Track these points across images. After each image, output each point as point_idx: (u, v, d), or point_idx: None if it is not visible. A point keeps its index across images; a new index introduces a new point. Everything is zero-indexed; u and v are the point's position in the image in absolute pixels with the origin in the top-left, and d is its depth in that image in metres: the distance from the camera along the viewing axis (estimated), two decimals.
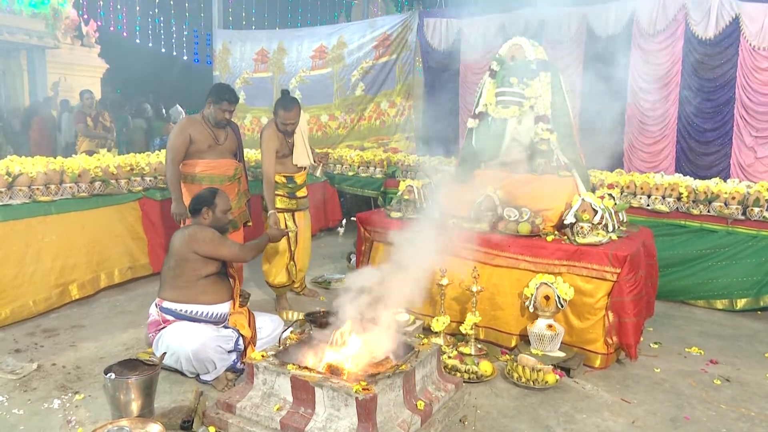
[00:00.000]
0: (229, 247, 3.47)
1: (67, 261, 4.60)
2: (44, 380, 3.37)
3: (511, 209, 4.07)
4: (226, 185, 4.39)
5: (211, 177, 4.39)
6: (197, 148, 4.32)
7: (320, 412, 2.63)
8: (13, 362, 3.56)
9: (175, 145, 4.29)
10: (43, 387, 3.28)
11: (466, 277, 3.89)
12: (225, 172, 4.45)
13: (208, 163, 4.38)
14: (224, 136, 4.45)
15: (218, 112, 4.29)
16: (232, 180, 4.49)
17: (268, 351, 2.97)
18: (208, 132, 4.36)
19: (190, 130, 4.30)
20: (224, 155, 4.45)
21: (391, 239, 4.34)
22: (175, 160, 4.30)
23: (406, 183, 4.64)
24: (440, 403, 2.95)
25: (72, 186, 4.78)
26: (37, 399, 3.14)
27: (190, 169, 4.36)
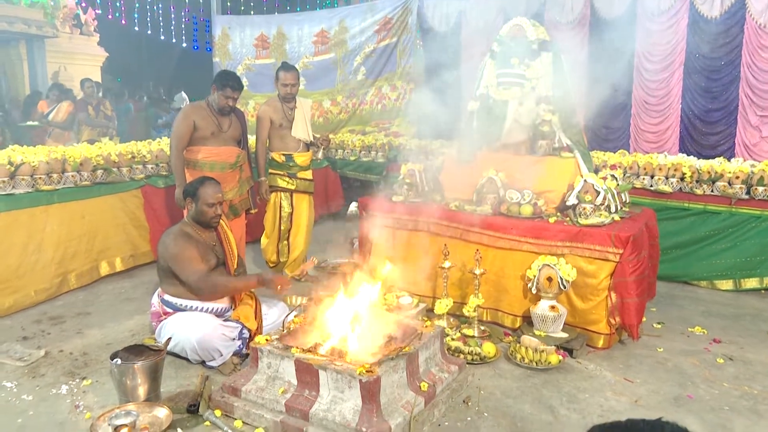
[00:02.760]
0: (190, 274, 3.29)
1: (67, 250, 4.64)
2: (52, 366, 3.42)
3: (513, 191, 4.07)
4: (227, 172, 4.41)
5: (212, 164, 4.41)
6: (200, 134, 4.35)
7: (324, 395, 2.67)
8: (21, 349, 3.61)
9: (179, 131, 4.32)
10: (51, 373, 3.33)
11: (468, 259, 3.92)
12: (227, 160, 4.46)
13: (210, 150, 4.40)
14: (228, 124, 4.45)
15: (221, 98, 4.30)
16: (233, 167, 4.50)
17: (272, 335, 3.00)
18: (212, 119, 4.37)
19: (194, 117, 4.33)
20: (227, 142, 4.46)
21: (394, 223, 4.38)
22: (179, 147, 4.33)
23: (407, 167, 4.64)
24: (444, 384, 2.98)
25: (74, 175, 4.81)
26: (46, 385, 3.19)
27: (193, 155, 4.40)
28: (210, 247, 3.52)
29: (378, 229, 4.53)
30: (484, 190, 4.17)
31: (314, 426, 2.61)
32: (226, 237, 3.67)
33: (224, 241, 3.64)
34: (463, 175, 4.41)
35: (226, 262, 3.60)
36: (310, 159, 4.88)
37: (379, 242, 4.51)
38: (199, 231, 3.52)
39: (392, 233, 4.43)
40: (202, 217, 3.50)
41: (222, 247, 3.61)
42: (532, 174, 4.15)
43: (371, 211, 4.55)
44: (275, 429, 2.68)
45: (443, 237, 4.11)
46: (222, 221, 3.66)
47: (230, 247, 3.67)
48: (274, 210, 4.80)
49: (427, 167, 4.77)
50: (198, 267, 3.34)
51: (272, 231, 4.85)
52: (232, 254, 3.66)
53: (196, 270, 3.33)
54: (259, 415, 2.73)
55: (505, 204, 4.06)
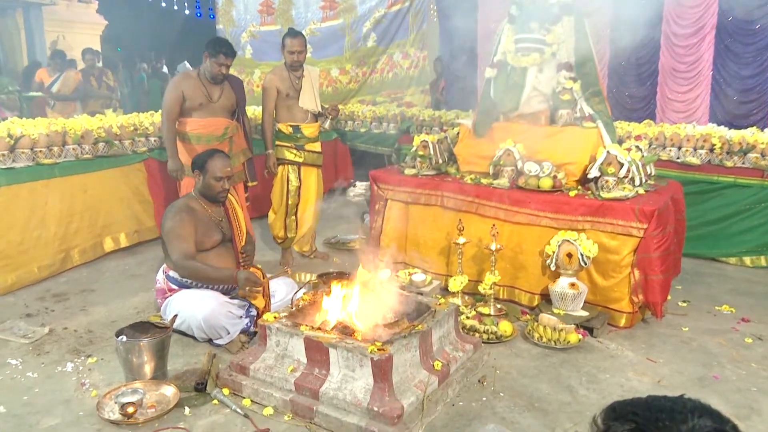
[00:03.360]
0: (174, 250, 3.33)
1: (70, 226, 4.69)
2: (56, 344, 3.48)
3: (531, 163, 4.04)
4: (214, 145, 4.41)
5: (198, 136, 4.44)
6: (189, 105, 4.38)
7: (335, 373, 2.70)
8: (25, 326, 3.67)
9: (168, 101, 4.37)
10: (55, 351, 3.39)
11: (484, 235, 3.91)
12: (213, 132, 4.47)
13: (197, 121, 4.43)
14: (219, 93, 4.45)
15: (214, 66, 4.31)
16: (221, 140, 4.50)
17: (280, 312, 3.03)
18: (202, 89, 4.39)
19: (183, 87, 4.36)
20: (217, 113, 4.47)
21: (406, 197, 4.38)
22: (169, 118, 4.38)
23: (420, 138, 4.62)
24: (458, 363, 3.00)
25: (75, 148, 4.83)
26: (51, 362, 3.26)
27: (182, 127, 4.44)
28: (216, 222, 3.54)
29: (389, 203, 4.53)
30: (501, 163, 4.14)
31: (324, 405, 2.64)
32: (234, 212, 3.68)
33: (231, 217, 3.65)
34: (479, 147, 4.38)
35: (233, 239, 3.61)
36: (318, 130, 4.86)
37: (390, 218, 4.51)
38: (205, 205, 3.54)
39: (404, 208, 4.43)
40: (209, 191, 3.51)
41: (229, 223, 3.62)
42: (551, 145, 4.11)
43: (382, 185, 4.54)
44: (285, 408, 2.72)
45: (458, 212, 4.10)
46: (230, 196, 3.67)
47: (238, 222, 3.68)
48: (281, 184, 4.81)
49: (441, 139, 4.75)
50: (184, 246, 3.34)
51: (279, 206, 4.86)
52: (240, 230, 3.68)
53: (182, 249, 3.34)
54: (268, 393, 2.77)
55: (523, 177, 4.03)
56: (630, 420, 0.98)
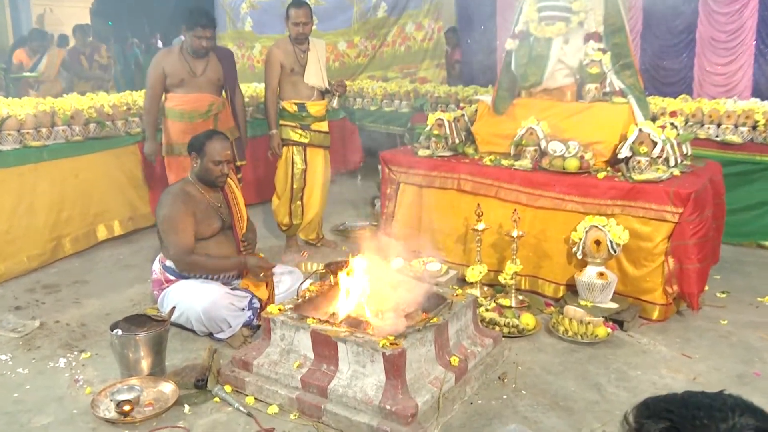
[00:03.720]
0: (172, 243, 3.35)
1: (61, 213, 4.73)
2: (48, 338, 3.52)
3: (556, 143, 4.02)
4: (197, 123, 4.47)
5: (181, 113, 4.51)
6: (171, 81, 4.47)
7: (344, 369, 2.71)
8: (15, 320, 3.72)
9: (150, 80, 4.49)
10: (47, 345, 3.44)
11: (505, 220, 3.89)
12: (197, 108, 4.52)
13: (180, 97, 4.50)
14: (203, 68, 4.50)
15: (194, 39, 4.37)
16: (205, 117, 4.55)
17: (285, 304, 3.05)
18: (183, 64, 4.44)
19: (163, 64, 4.45)
20: (201, 89, 4.52)
21: (420, 180, 4.37)
22: (151, 96, 4.51)
23: (435, 116, 4.60)
24: (476, 359, 3.01)
25: (65, 129, 4.86)
26: (42, 358, 3.30)
27: (166, 103, 4.55)
28: (215, 208, 3.55)
29: (402, 187, 4.52)
30: (524, 142, 4.12)
31: (333, 403, 2.66)
32: (234, 197, 3.70)
33: (231, 202, 3.66)
34: (499, 125, 4.36)
35: (233, 226, 3.63)
36: (325, 109, 4.85)
37: (403, 203, 4.51)
38: (203, 190, 3.55)
39: (418, 192, 4.42)
40: (207, 176, 3.52)
41: (229, 209, 3.63)
42: (578, 123, 4.08)
43: (394, 167, 4.53)
44: (290, 406, 2.75)
45: (476, 195, 4.09)
46: (230, 180, 3.68)
47: (238, 208, 3.70)
48: (285, 166, 4.81)
49: (458, 117, 4.72)
50: (182, 240, 3.36)
51: (284, 190, 4.86)
52: (241, 217, 3.70)
53: (181, 244, 3.36)
54: (272, 391, 2.80)
55: (548, 157, 4.01)
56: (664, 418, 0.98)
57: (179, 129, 4.51)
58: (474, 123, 4.60)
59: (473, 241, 4.01)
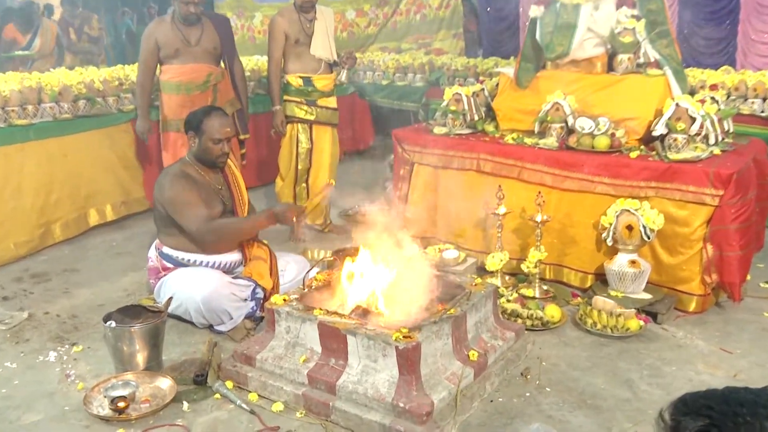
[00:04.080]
0: (189, 220, 3.35)
1: (50, 197, 4.77)
2: (37, 330, 3.57)
3: (585, 119, 3.99)
4: (195, 95, 4.53)
5: (177, 85, 4.55)
6: (165, 53, 4.52)
7: (354, 364, 2.72)
8: (2, 311, 3.77)
9: (143, 53, 4.56)
10: (36, 338, 3.48)
11: (528, 204, 3.89)
12: (194, 79, 4.57)
13: (176, 69, 4.55)
14: (198, 36, 4.54)
15: (181, 5, 4.42)
16: (203, 88, 4.60)
17: (290, 294, 3.06)
18: (176, 33, 4.49)
19: (156, 34, 4.50)
20: (198, 59, 4.57)
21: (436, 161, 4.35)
22: (144, 71, 4.58)
23: (452, 91, 4.58)
24: (497, 353, 3.01)
25: (52, 106, 4.88)
26: (31, 351, 3.34)
27: (161, 76, 4.60)
28: (215, 191, 3.57)
29: (416, 168, 4.51)
30: (549, 119, 4.10)
31: (342, 400, 2.67)
32: (235, 179, 3.71)
33: (232, 184, 3.67)
34: (522, 100, 4.34)
35: (234, 209, 3.64)
36: (333, 83, 4.84)
37: (417, 185, 4.50)
38: (202, 172, 3.56)
39: (434, 173, 4.42)
40: (206, 156, 3.52)
41: (230, 191, 3.64)
42: (609, 97, 4.07)
43: (408, 146, 4.52)
44: (296, 403, 2.77)
45: (497, 177, 4.08)
46: (230, 161, 3.68)
47: (239, 190, 3.71)
48: (289, 146, 4.81)
49: (478, 91, 4.69)
50: (198, 211, 3.38)
51: (288, 171, 4.87)
52: (242, 199, 3.71)
53: (198, 215, 3.37)
54: (277, 387, 2.82)
55: (575, 135, 3.98)
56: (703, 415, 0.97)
57: (176, 102, 4.54)
58: (495, 98, 4.59)
59: (494, 227, 4.00)
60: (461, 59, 7.32)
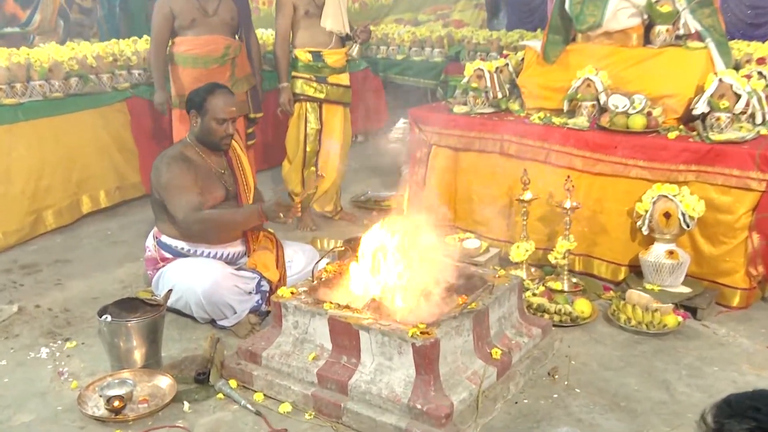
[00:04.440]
0: (177, 206, 3.37)
1: (40, 182, 4.80)
2: (28, 325, 3.60)
3: (618, 97, 3.98)
4: (213, 69, 4.54)
5: (194, 58, 4.57)
6: (180, 23, 4.52)
7: (367, 362, 2.73)
8: None
9: (156, 22, 4.55)
10: (27, 333, 3.52)
11: (557, 189, 3.87)
12: (211, 53, 4.58)
13: (192, 40, 4.56)
14: (215, 5, 4.55)
15: None
16: (221, 62, 4.62)
17: (299, 287, 3.07)
18: (193, 2, 4.50)
19: (171, 3, 4.50)
20: (214, 30, 4.58)
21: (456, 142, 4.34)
22: (157, 41, 4.56)
23: (473, 66, 4.56)
24: (522, 351, 3.01)
25: (42, 84, 4.91)
26: (22, 347, 3.38)
27: (174, 48, 4.60)
28: (217, 175, 3.57)
29: (434, 151, 4.50)
30: (579, 96, 4.09)
31: (354, 401, 2.69)
32: (239, 162, 3.71)
33: (236, 168, 3.68)
34: (549, 76, 4.33)
35: (238, 194, 3.65)
36: (345, 58, 4.82)
37: (436, 168, 4.49)
38: (203, 154, 3.56)
39: (454, 156, 4.42)
40: (209, 137, 3.53)
41: (233, 176, 3.65)
42: (645, 72, 4.05)
43: (426, 127, 4.51)
44: (305, 404, 2.78)
45: (522, 160, 4.07)
46: (235, 142, 3.69)
47: (244, 175, 3.71)
48: (297, 126, 4.81)
49: (501, 66, 4.67)
50: (189, 199, 3.38)
51: (295, 154, 4.87)
52: (247, 184, 3.71)
53: (187, 202, 3.37)
54: (284, 386, 2.84)
55: (608, 114, 3.96)
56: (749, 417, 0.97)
57: (192, 77, 4.56)
58: (520, 74, 4.57)
59: (518, 214, 4.00)
60: (483, 32, 7.29)
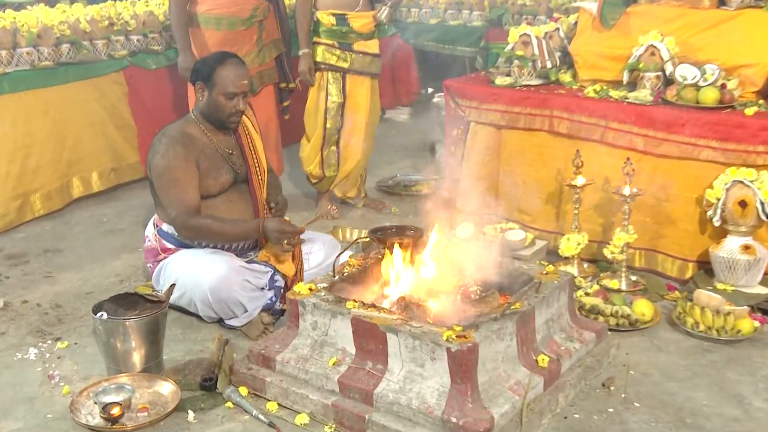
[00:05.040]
0: (171, 201, 3.41)
1: (27, 162, 4.85)
2: (14, 322, 3.65)
3: (687, 67, 3.95)
4: (239, 31, 4.57)
5: (218, 19, 4.57)
6: None
7: (395, 369, 2.73)
8: None
9: None
10: (13, 331, 3.57)
11: (614, 173, 3.86)
12: (238, 13, 4.59)
13: None
14: None
15: None
16: (248, 24, 4.63)
17: (318, 282, 3.08)
18: None
19: None
20: None
21: (498, 119, 4.31)
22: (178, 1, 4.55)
23: (519, 31, 4.53)
24: (573, 358, 3.00)
25: (30, 51, 4.95)
26: (8, 347, 3.42)
27: (193, 7, 4.59)
28: (223, 156, 3.56)
29: (473, 128, 4.48)
30: (642, 66, 4.06)
31: (381, 412, 2.69)
32: (251, 142, 3.71)
33: (247, 148, 3.68)
34: (607, 43, 4.30)
35: (249, 178, 3.65)
36: (373, 23, 4.80)
37: (474, 148, 4.47)
38: (209, 132, 3.57)
39: (495, 135, 4.40)
40: (215, 113, 3.52)
41: (243, 157, 3.65)
42: (719, 38, 4.01)
43: (463, 101, 4.49)
44: (325, 415, 2.79)
45: (575, 139, 4.06)
46: (246, 119, 3.69)
47: (256, 156, 3.70)
48: (317, 99, 4.80)
49: (551, 32, 4.63)
50: (185, 197, 3.40)
51: (314, 131, 4.86)
52: (260, 166, 3.70)
53: (181, 200, 3.40)
54: (301, 395, 2.84)
55: (674, 87, 3.93)
56: None
57: (217, 40, 4.58)
58: (572, 40, 4.54)
59: (569, 202, 3.98)
60: None
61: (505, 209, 4.37)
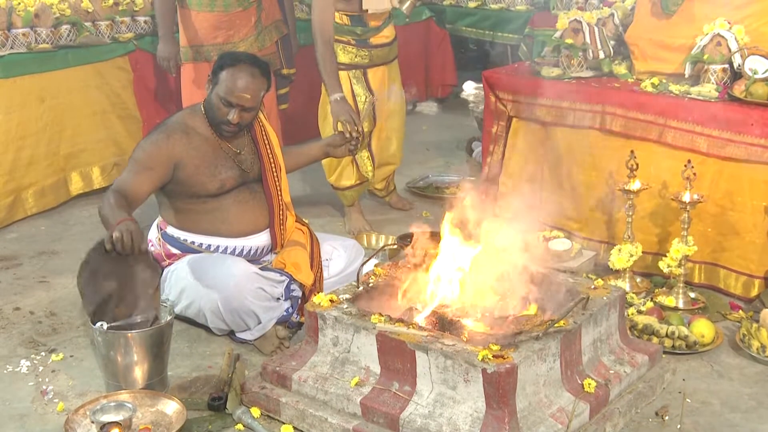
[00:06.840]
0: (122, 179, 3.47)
1: (21, 155, 4.91)
2: (5, 332, 3.70)
3: (758, 59, 3.92)
4: (234, 13, 4.59)
5: (211, 0, 4.58)
6: None
7: (424, 391, 2.74)
8: None
9: None
10: (3, 342, 3.61)
11: (672, 177, 3.86)
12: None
13: None
14: None
15: None
16: (245, 5, 4.67)
17: (340, 293, 3.10)
18: None
19: None
20: None
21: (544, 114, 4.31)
22: None
23: (569, 17, 4.52)
24: (623, 384, 2.99)
25: (26, 33, 5.02)
26: None
27: None
28: (228, 154, 3.58)
29: (515, 124, 4.48)
30: (706, 58, 4.04)
31: None
32: (266, 139, 3.74)
33: (261, 143, 3.70)
34: (667, 31, 4.29)
35: (263, 177, 3.68)
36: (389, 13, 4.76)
37: (516, 147, 4.48)
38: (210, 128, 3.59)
39: (541, 132, 4.41)
40: (210, 112, 3.53)
41: (258, 153, 3.67)
42: None
43: (504, 94, 4.49)
44: None
45: (629, 139, 4.06)
46: (260, 116, 3.71)
47: (272, 153, 3.73)
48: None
49: (605, 18, 4.62)
50: (127, 177, 3.44)
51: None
52: (275, 164, 3.71)
53: (123, 179, 3.44)
54: (319, 418, 2.86)
55: (743, 82, 3.91)
56: None
57: (209, 23, 4.63)
58: (629, 28, 4.54)
59: (621, 208, 3.97)
60: None
61: (549, 215, 4.36)
